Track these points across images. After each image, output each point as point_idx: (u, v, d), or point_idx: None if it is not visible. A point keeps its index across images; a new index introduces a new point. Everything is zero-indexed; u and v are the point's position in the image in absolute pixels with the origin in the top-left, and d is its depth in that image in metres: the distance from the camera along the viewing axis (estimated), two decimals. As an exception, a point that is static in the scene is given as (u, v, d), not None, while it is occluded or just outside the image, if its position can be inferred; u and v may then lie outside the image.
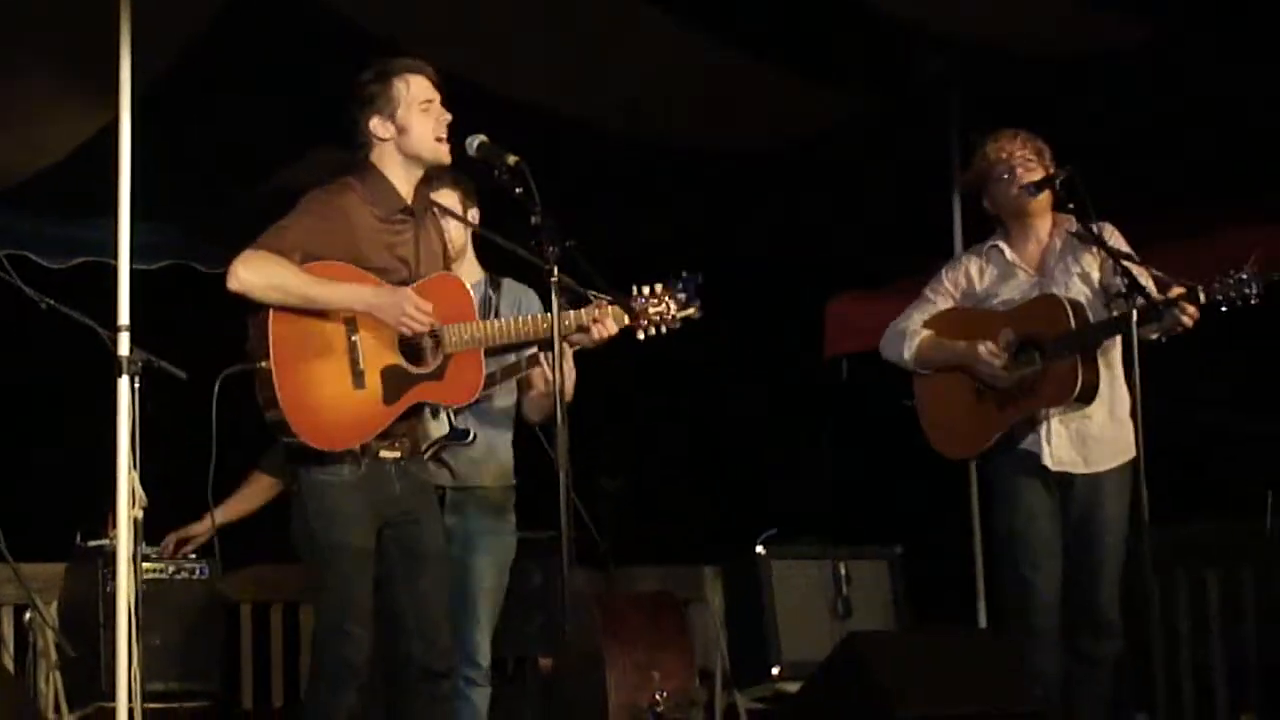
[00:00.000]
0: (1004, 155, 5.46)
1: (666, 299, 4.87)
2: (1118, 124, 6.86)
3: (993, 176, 5.50)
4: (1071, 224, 5.43)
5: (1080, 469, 5.36)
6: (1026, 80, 6.66)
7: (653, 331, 4.88)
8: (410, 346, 4.65)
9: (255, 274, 4.52)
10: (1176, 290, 5.12)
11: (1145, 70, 6.50)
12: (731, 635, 7.39)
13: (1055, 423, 5.36)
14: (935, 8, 6.41)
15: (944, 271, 5.68)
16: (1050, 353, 5.31)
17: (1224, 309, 5.09)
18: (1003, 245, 5.57)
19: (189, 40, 6.42)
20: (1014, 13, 6.35)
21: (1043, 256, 5.51)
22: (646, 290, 4.88)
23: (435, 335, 4.64)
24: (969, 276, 5.61)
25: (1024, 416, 5.38)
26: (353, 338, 4.56)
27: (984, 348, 5.38)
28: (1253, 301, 5.06)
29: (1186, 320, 5.11)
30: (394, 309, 4.55)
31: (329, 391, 4.55)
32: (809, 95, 7.09)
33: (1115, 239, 5.35)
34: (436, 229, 4.91)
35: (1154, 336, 5.15)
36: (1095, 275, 5.42)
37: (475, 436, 5.32)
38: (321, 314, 4.56)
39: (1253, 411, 7.16)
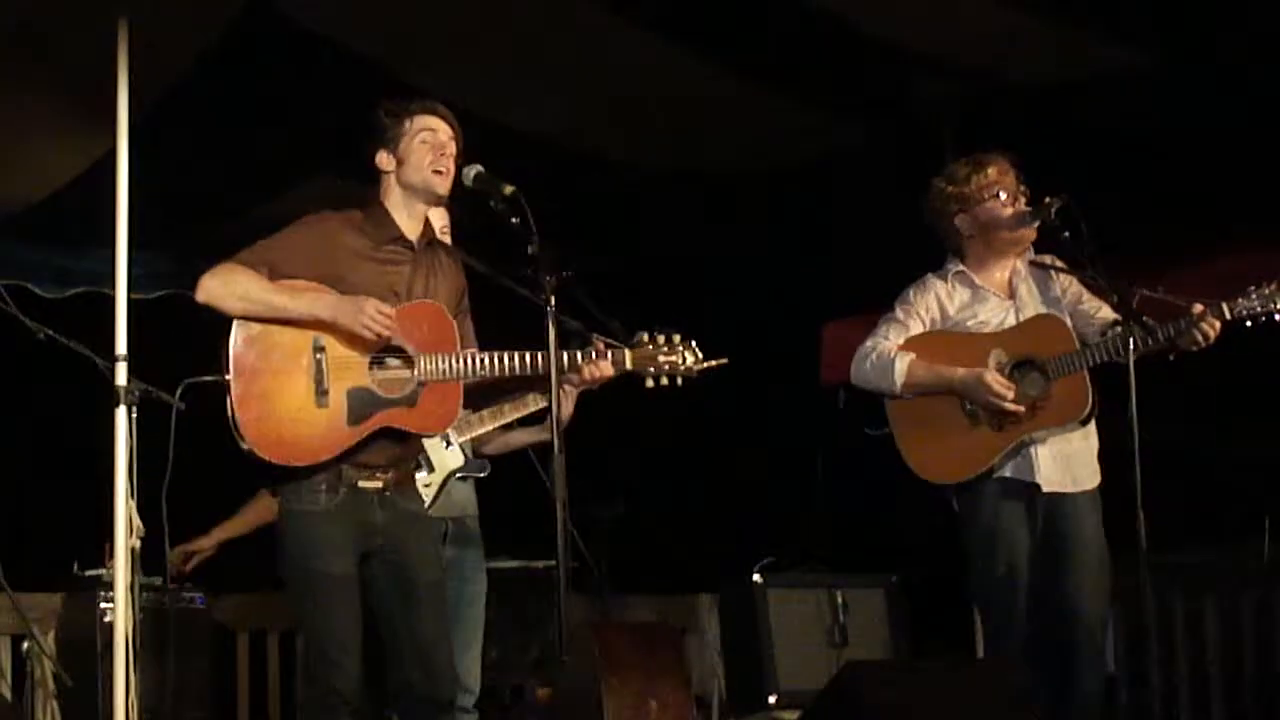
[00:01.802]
0: (1010, 180, 5.39)
1: (683, 350, 4.70)
2: (1115, 150, 6.87)
3: (989, 198, 5.42)
4: (1030, 252, 5.44)
5: (1068, 489, 5.32)
6: (1022, 105, 6.67)
7: (664, 381, 4.69)
8: (384, 373, 4.57)
9: (220, 284, 4.52)
10: (1198, 307, 5.05)
11: (1144, 94, 6.51)
12: (728, 664, 7.39)
13: (1042, 445, 5.33)
14: (930, 33, 6.44)
15: (912, 292, 5.57)
16: (1054, 373, 5.27)
17: (1249, 324, 5.04)
18: (967, 270, 5.52)
19: (187, 69, 6.45)
20: (1010, 38, 6.38)
21: (1010, 282, 5.49)
22: (662, 339, 4.71)
23: (410, 361, 4.57)
24: (939, 299, 5.52)
25: (1024, 437, 5.31)
26: (318, 356, 4.52)
27: (992, 378, 5.28)
28: (1277, 317, 5.00)
29: (1211, 333, 5.05)
30: (354, 314, 4.49)
31: (288, 406, 4.50)
32: (806, 120, 7.11)
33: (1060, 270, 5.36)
34: (455, 269, 4.83)
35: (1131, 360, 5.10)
36: (1065, 301, 5.42)
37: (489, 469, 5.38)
38: (288, 330, 4.53)
39: (1247, 435, 7.14)
